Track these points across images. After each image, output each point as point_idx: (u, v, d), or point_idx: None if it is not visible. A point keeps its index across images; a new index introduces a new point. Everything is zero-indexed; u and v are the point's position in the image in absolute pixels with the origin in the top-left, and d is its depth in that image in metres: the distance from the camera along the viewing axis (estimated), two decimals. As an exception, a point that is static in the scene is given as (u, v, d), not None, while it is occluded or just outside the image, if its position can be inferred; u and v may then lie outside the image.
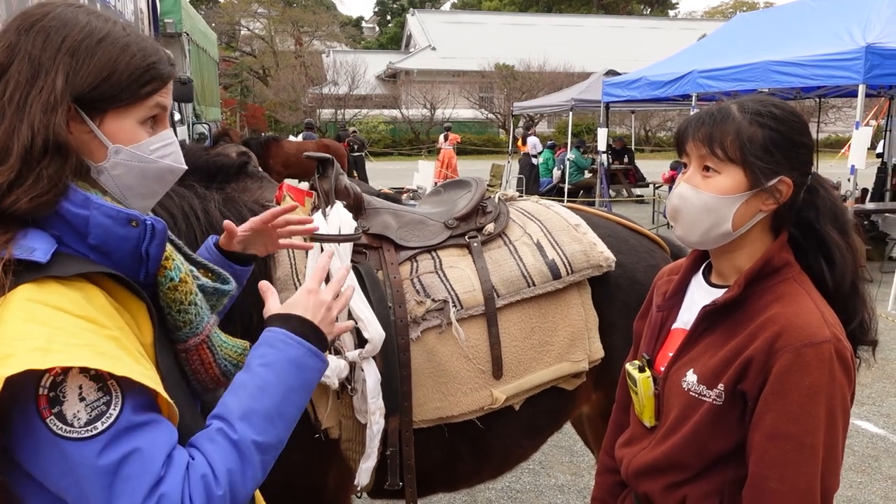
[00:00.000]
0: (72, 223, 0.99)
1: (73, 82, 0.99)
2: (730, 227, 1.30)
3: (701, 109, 1.38)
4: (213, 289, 1.22)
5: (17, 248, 0.94)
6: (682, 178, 1.37)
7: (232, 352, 1.20)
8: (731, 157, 1.28)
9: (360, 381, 1.82)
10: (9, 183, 0.95)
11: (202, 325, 1.13)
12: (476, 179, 2.29)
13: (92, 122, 1.02)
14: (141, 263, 1.04)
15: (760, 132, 1.28)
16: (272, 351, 1.07)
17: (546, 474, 3.86)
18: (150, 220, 1.04)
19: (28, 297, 0.92)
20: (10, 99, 0.97)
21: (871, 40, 7.18)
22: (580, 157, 14.54)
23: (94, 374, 0.90)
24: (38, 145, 0.96)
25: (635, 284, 2.20)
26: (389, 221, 2.06)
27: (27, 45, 0.99)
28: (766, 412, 1.22)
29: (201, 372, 1.15)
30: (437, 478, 2.04)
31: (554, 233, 2.15)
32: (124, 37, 1.04)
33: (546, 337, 2.05)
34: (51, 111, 0.97)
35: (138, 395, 0.93)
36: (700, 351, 1.34)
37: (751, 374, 1.24)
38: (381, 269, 1.98)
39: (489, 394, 1.97)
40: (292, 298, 1.15)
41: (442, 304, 1.94)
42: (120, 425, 0.90)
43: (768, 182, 1.27)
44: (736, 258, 1.35)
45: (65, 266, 0.97)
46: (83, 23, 1.02)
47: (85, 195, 1.00)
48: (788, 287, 1.29)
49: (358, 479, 1.86)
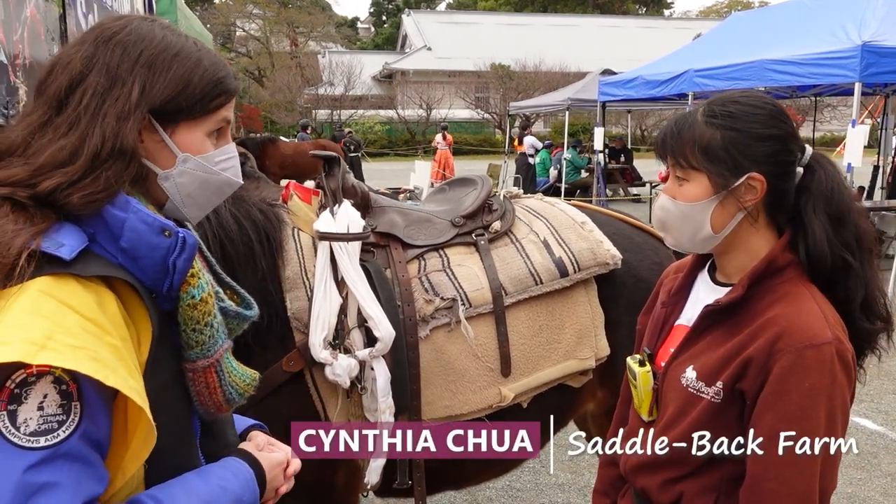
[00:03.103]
0: (109, 223, 1.00)
1: (150, 94, 1.03)
2: (710, 230, 1.30)
3: (669, 119, 1.39)
4: (236, 313, 1.20)
5: (46, 241, 0.95)
6: (663, 189, 1.38)
7: (240, 380, 1.18)
8: (693, 166, 1.29)
9: (370, 379, 1.82)
10: (69, 182, 0.98)
11: (215, 348, 1.12)
12: (482, 177, 2.30)
13: (164, 132, 1.06)
14: (167, 275, 1.04)
15: (718, 134, 1.28)
16: (236, 483, 1.10)
17: (546, 473, 3.86)
18: (183, 233, 1.05)
19: (42, 289, 0.93)
20: (87, 107, 1.01)
21: (867, 38, 7.21)
22: (577, 156, 14.56)
23: (65, 390, 0.90)
24: (106, 150, 0.99)
25: (640, 282, 2.20)
26: (396, 220, 2.06)
27: (105, 56, 1.02)
28: (766, 412, 1.22)
29: (205, 395, 1.13)
30: (444, 476, 2.04)
31: (560, 231, 2.15)
32: (196, 52, 1.08)
33: (553, 335, 2.05)
34: (124, 120, 1.01)
35: (96, 424, 0.93)
36: (701, 348, 1.34)
37: (750, 373, 1.23)
38: (388, 267, 1.98)
39: (498, 392, 1.97)
40: (270, 457, 1.19)
41: (451, 303, 1.94)
42: (62, 449, 0.89)
43: (734, 182, 1.27)
44: (736, 257, 1.35)
45: (87, 266, 0.97)
46: (159, 37, 1.06)
47: (126, 198, 1.02)
48: (791, 287, 1.29)
49: (368, 477, 1.86)
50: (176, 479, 1.05)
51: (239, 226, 1.79)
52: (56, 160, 0.99)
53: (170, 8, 9.10)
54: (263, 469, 1.16)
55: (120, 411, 0.97)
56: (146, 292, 1.04)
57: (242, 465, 1.14)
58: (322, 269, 1.81)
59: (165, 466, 1.05)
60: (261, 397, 1.75)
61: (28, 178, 0.99)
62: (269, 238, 1.85)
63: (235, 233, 1.78)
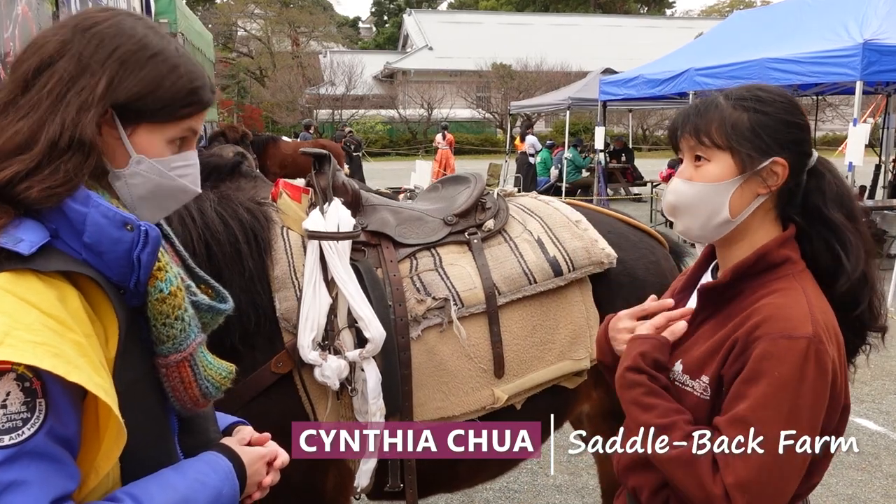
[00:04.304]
0: (70, 218, 0.99)
1: (116, 89, 1.01)
2: (727, 214, 1.29)
3: (688, 104, 1.38)
4: (209, 306, 1.19)
5: (4, 237, 0.94)
6: (676, 174, 1.36)
7: (216, 374, 1.17)
8: (717, 144, 1.28)
9: (360, 381, 1.79)
10: (27, 171, 0.96)
11: (187, 342, 1.10)
12: (474, 175, 2.26)
13: (124, 130, 1.04)
14: (132, 270, 1.03)
15: (745, 115, 1.27)
16: (214, 476, 1.09)
17: (544, 474, 3.83)
18: (145, 226, 1.03)
19: (1, 285, 0.91)
20: (50, 92, 0.99)
21: (869, 37, 7.18)
22: (578, 156, 14.53)
23: (28, 387, 0.88)
24: (64, 140, 0.97)
25: (636, 281, 2.18)
26: (388, 218, 2.03)
27: (80, 44, 1.01)
28: (738, 399, 1.20)
29: (180, 390, 1.12)
30: (437, 479, 2.02)
31: (555, 229, 2.12)
32: (175, 57, 1.06)
33: (548, 335, 2.02)
34: (85, 111, 0.99)
35: (63, 421, 0.91)
36: (692, 343, 1.33)
37: (729, 360, 1.23)
38: (379, 266, 1.95)
39: (491, 393, 1.94)
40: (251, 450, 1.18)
41: (443, 303, 1.91)
42: (27, 447, 0.87)
43: (759, 164, 1.26)
44: (738, 249, 1.33)
45: (48, 261, 0.95)
46: (139, 35, 1.04)
47: (87, 193, 1.00)
48: (785, 283, 1.27)
49: (358, 480, 1.84)
50: (152, 476, 1.04)
51: (225, 225, 1.77)
52: (12, 144, 0.97)
53: (168, 7, 9.08)
54: (243, 462, 1.15)
55: (91, 410, 0.96)
56: (111, 288, 1.02)
57: (220, 458, 1.12)
58: (311, 269, 1.78)
59: (142, 464, 1.03)
60: (249, 399, 1.73)
61: None
62: (256, 237, 1.82)
63: (221, 233, 1.75)
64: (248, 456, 1.17)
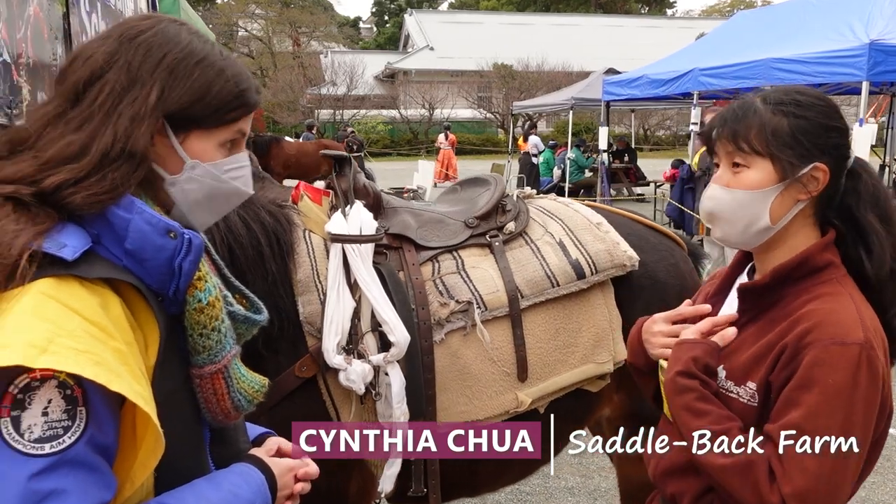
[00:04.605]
0: (113, 224, 0.98)
1: (167, 99, 1.01)
2: (768, 221, 1.27)
3: (725, 107, 1.36)
4: (245, 317, 1.18)
5: (48, 241, 0.93)
6: (713, 179, 1.34)
7: (249, 387, 1.16)
8: (757, 151, 1.26)
9: (384, 385, 1.78)
10: (75, 180, 0.96)
11: (222, 353, 1.10)
12: (495, 177, 2.25)
13: (176, 138, 1.04)
14: (172, 278, 1.02)
15: (785, 121, 1.25)
16: (247, 488, 1.08)
17: (556, 476, 3.82)
18: (189, 234, 1.02)
19: (43, 290, 0.90)
20: (102, 105, 0.99)
21: (875, 37, 7.18)
22: (581, 156, 14.51)
23: (70, 395, 0.88)
24: (116, 150, 0.98)
25: (657, 283, 2.16)
26: (409, 221, 2.02)
27: (128, 54, 1.01)
28: (789, 406, 1.18)
29: (212, 402, 1.11)
30: (459, 483, 2.00)
31: (576, 231, 2.11)
32: (220, 60, 1.07)
33: (571, 338, 2.01)
34: (138, 122, 0.99)
35: (103, 430, 0.90)
36: (732, 348, 1.31)
37: (778, 366, 1.21)
38: (401, 269, 1.93)
39: (514, 397, 1.93)
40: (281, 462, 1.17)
41: (466, 306, 1.89)
42: (68, 455, 0.87)
43: (800, 171, 1.25)
44: (777, 255, 1.31)
45: (91, 267, 0.95)
46: (185, 42, 1.05)
47: (131, 199, 0.99)
48: (830, 288, 1.26)
49: (382, 485, 1.82)
50: (187, 486, 1.03)
51: (248, 229, 1.75)
52: (64, 155, 0.97)
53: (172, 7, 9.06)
54: (274, 474, 1.14)
55: (128, 418, 0.95)
56: (152, 295, 1.01)
57: (253, 470, 1.12)
58: (335, 273, 1.77)
59: (174, 474, 1.02)
60: (273, 403, 1.71)
61: (33, 174, 0.97)
62: (279, 241, 1.80)
63: (244, 236, 1.73)
64: (278, 467, 1.16)
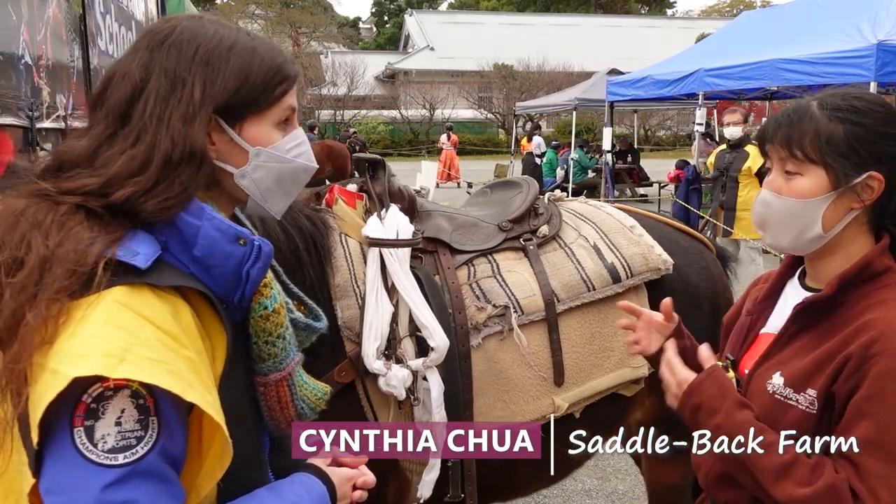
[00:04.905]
0: (182, 231, 0.98)
1: (211, 91, 1.01)
2: (820, 229, 1.26)
3: (781, 109, 1.34)
4: (305, 324, 1.18)
5: (121, 249, 0.93)
6: (765, 184, 1.33)
7: (311, 394, 1.16)
8: (810, 158, 1.24)
9: (422, 390, 1.76)
10: (144, 191, 0.96)
11: (287, 360, 1.10)
12: (526, 179, 2.24)
13: (232, 130, 1.03)
14: (239, 285, 1.01)
15: (841, 128, 1.23)
16: (309, 499, 1.07)
17: (572, 478, 3.80)
18: (259, 240, 1.02)
19: (118, 299, 0.90)
20: (151, 115, 0.99)
21: (882, 37, 7.18)
22: (584, 156, 14.51)
23: (142, 405, 0.87)
24: (177, 154, 0.97)
25: (689, 287, 2.16)
26: (443, 224, 2.00)
27: (161, 60, 1.01)
28: (860, 419, 1.17)
29: (276, 410, 1.11)
30: (494, 488, 1.99)
31: (610, 235, 2.10)
32: (250, 41, 1.06)
33: (606, 342, 2.00)
34: (190, 121, 0.98)
35: (173, 440, 0.90)
36: (789, 354, 1.30)
37: (843, 375, 1.19)
38: (437, 273, 1.92)
39: (551, 402, 1.92)
40: (340, 471, 1.15)
41: (503, 310, 1.88)
42: (140, 466, 0.86)
43: (854, 180, 1.23)
44: (832, 262, 1.30)
45: (162, 275, 0.94)
46: (210, 32, 1.04)
47: (200, 205, 0.99)
48: (889, 293, 1.24)
49: (421, 491, 1.81)
50: (249, 496, 1.02)
51: (286, 234, 1.73)
52: (129, 169, 0.97)
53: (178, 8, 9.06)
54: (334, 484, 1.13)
55: (194, 427, 0.94)
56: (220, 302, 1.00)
57: (314, 480, 1.10)
58: (374, 277, 1.75)
59: (236, 484, 1.01)
60: (311, 409, 1.70)
61: (100, 189, 0.96)
62: (316, 245, 1.79)
63: (283, 241, 1.72)
64: (337, 477, 1.14)
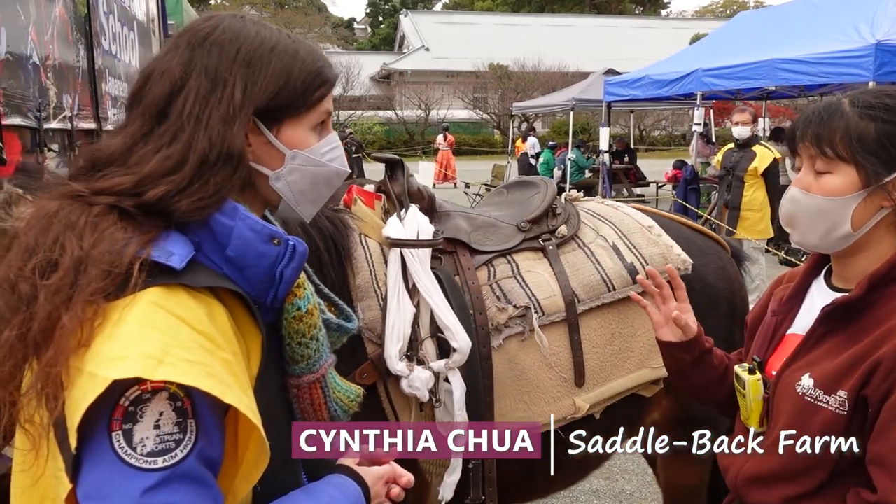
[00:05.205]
0: (215, 231, 0.96)
1: (252, 93, 0.99)
2: (849, 228, 1.25)
3: (810, 106, 1.34)
4: (337, 325, 1.18)
5: (156, 250, 0.91)
6: (794, 181, 1.32)
7: (344, 396, 1.16)
8: (840, 156, 1.23)
9: (443, 392, 1.75)
10: (178, 190, 0.94)
11: (320, 362, 1.09)
12: (544, 179, 2.23)
13: (270, 132, 1.02)
14: (272, 285, 1.00)
15: (873, 126, 1.22)
16: (343, 500, 1.05)
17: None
18: (293, 240, 1.01)
19: (154, 300, 0.88)
20: (191, 114, 0.97)
21: (881, 37, 7.22)
22: (581, 156, 14.52)
23: (180, 407, 0.86)
24: (213, 155, 0.96)
25: (707, 287, 2.15)
26: (462, 224, 1.98)
27: (203, 58, 0.99)
28: (895, 422, 1.16)
29: (309, 412, 1.10)
30: (514, 490, 1.98)
31: (629, 235, 2.09)
32: (291, 44, 1.05)
33: (626, 343, 1.99)
34: (229, 122, 0.97)
35: (211, 442, 0.88)
36: (818, 355, 1.29)
37: (875, 378, 1.18)
38: (457, 274, 1.91)
39: (572, 403, 1.90)
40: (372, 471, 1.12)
41: (524, 311, 1.87)
42: (180, 469, 0.85)
43: (885, 178, 1.22)
44: (860, 260, 1.29)
45: (196, 276, 0.93)
46: (253, 33, 1.02)
47: (234, 205, 0.98)
48: None
49: (442, 493, 1.79)
50: (285, 498, 1.00)
51: (307, 235, 1.71)
52: (163, 169, 0.95)
53: (176, 9, 9.01)
54: (367, 484, 1.11)
55: (230, 430, 0.93)
56: (254, 303, 0.99)
57: (348, 481, 1.09)
58: (395, 278, 1.74)
59: (272, 485, 1.00)
60: (332, 411, 1.69)
61: (133, 188, 0.95)
62: (336, 246, 1.77)
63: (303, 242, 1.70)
64: (370, 476, 1.13)
